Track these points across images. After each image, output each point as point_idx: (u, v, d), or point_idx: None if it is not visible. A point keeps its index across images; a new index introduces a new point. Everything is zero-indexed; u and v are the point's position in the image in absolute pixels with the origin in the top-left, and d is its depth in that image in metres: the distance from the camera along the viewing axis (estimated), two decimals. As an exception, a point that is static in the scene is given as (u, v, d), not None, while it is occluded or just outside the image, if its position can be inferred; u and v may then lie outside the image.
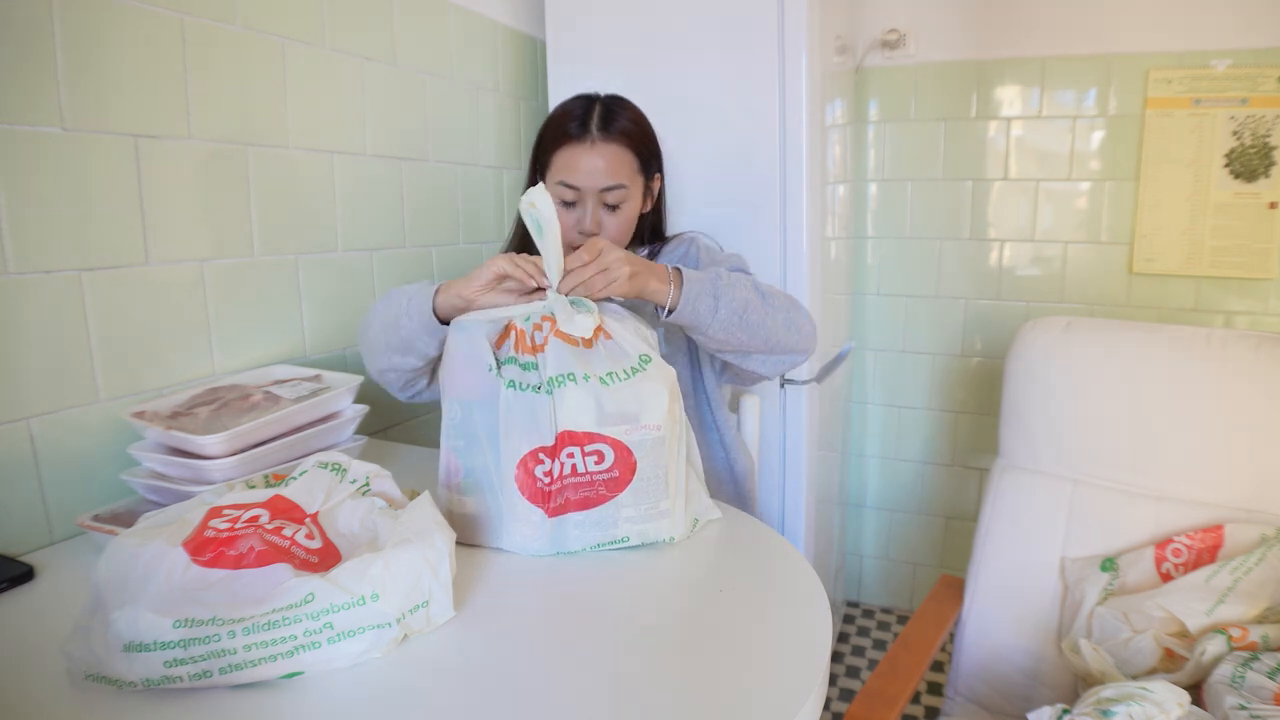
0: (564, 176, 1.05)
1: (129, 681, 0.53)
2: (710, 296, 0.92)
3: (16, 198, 0.81)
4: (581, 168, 1.04)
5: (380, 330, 0.96)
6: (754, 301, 0.95)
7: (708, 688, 0.58)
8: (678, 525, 0.80)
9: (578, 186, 1.04)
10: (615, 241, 1.07)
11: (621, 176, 1.05)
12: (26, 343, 0.83)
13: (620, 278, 0.85)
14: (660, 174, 1.15)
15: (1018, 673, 1.23)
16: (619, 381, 0.77)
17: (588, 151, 1.04)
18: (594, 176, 1.04)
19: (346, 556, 0.63)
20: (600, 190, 1.04)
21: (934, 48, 2.03)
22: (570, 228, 1.06)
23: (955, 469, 2.21)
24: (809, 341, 1.01)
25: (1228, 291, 1.89)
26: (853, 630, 2.24)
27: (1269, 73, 1.78)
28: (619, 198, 1.06)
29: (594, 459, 0.76)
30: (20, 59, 0.81)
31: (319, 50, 1.19)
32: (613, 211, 1.06)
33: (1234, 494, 1.15)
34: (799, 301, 1.02)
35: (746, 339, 0.95)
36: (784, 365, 1.03)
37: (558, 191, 1.06)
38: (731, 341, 0.95)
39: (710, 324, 0.92)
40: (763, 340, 0.96)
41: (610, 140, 1.04)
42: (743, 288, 0.95)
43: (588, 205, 1.05)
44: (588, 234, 1.05)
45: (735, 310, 0.93)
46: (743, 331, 0.94)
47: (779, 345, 0.98)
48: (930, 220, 2.13)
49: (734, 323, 0.93)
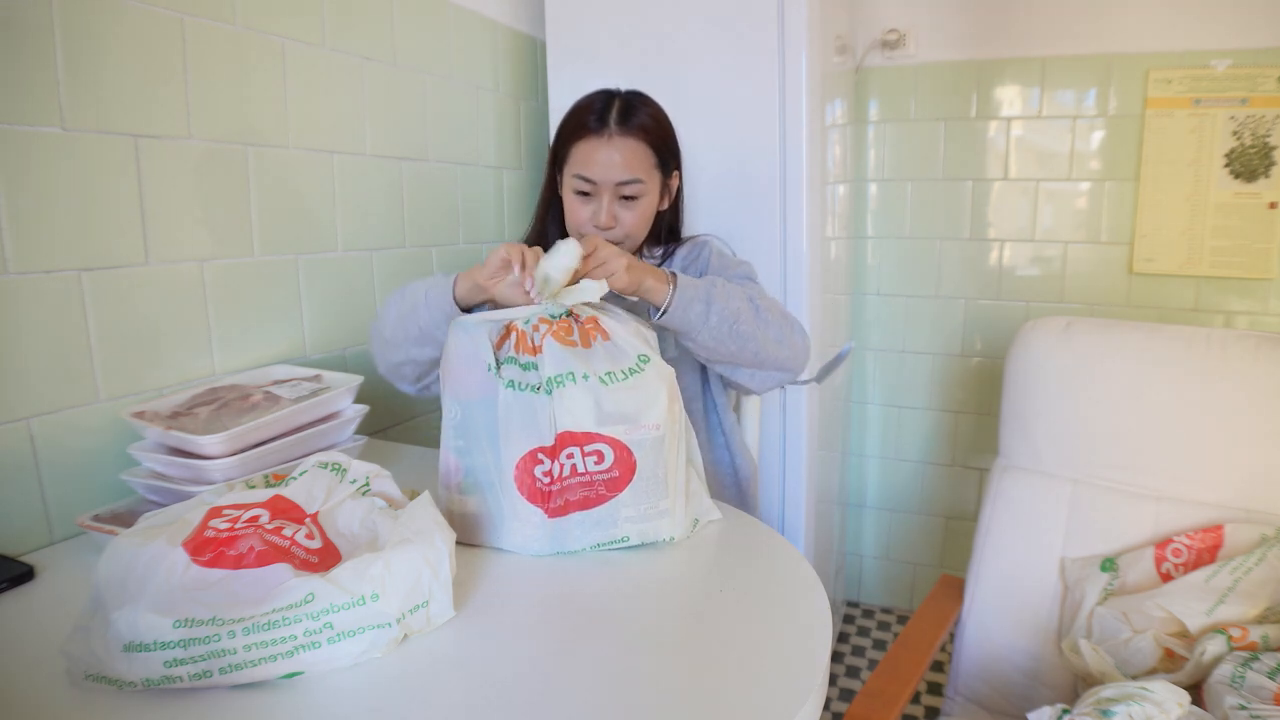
0: (580, 170, 1.05)
1: (129, 681, 0.53)
2: (703, 302, 0.92)
3: (16, 198, 0.81)
4: (598, 161, 1.04)
5: (396, 322, 0.97)
6: (746, 312, 0.95)
7: (708, 688, 0.58)
8: (678, 525, 0.80)
9: (594, 180, 1.05)
10: (631, 237, 1.08)
11: (638, 171, 1.05)
12: (26, 343, 0.83)
13: (618, 270, 0.86)
14: (679, 172, 1.15)
15: (1018, 673, 1.23)
16: (618, 381, 0.77)
17: (605, 145, 1.04)
18: (610, 170, 1.04)
19: (346, 556, 0.63)
20: (616, 184, 1.05)
21: (934, 48, 2.03)
22: (586, 221, 1.07)
23: (955, 469, 2.21)
24: (799, 360, 1.01)
25: (1228, 291, 1.89)
26: (853, 630, 2.24)
27: (1269, 73, 1.78)
28: (636, 192, 1.06)
29: (594, 459, 0.76)
30: (20, 59, 0.81)
31: (319, 50, 1.19)
32: (629, 205, 1.07)
33: (1234, 494, 1.15)
34: (796, 319, 1.02)
35: (736, 349, 0.95)
36: (771, 382, 1.03)
37: (576, 184, 1.06)
38: (721, 350, 0.95)
39: (701, 330, 0.92)
40: (752, 353, 0.96)
41: (628, 135, 1.05)
42: (736, 297, 0.95)
43: (604, 199, 1.05)
44: (603, 228, 1.06)
45: (726, 319, 0.93)
46: (733, 341, 0.94)
47: (768, 359, 0.98)
48: (930, 220, 2.13)
49: (724, 331, 0.93)
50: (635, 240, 1.10)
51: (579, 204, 1.07)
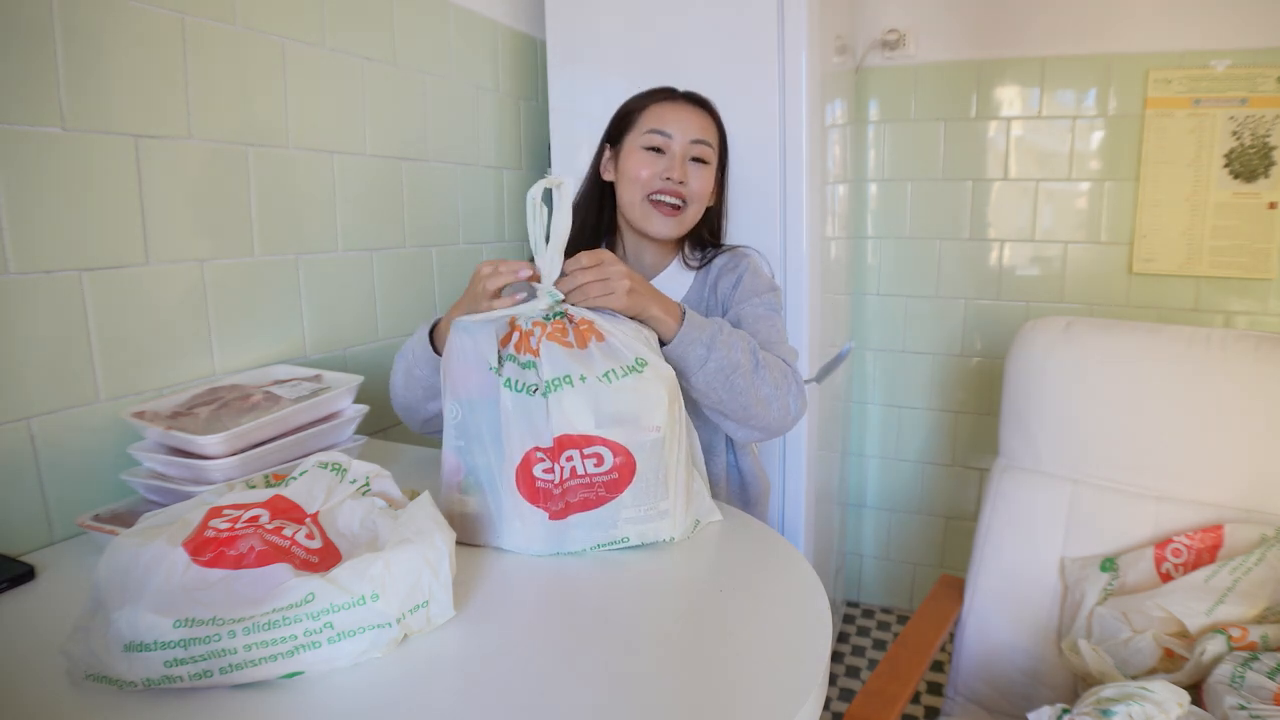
0: (657, 124, 1.07)
1: (129, 681, 0.53)
2: (704, 346, 0.90)
3: (16, 198, 0.81)
4: (678, 118, 1.07)
5: (404, 387, 0.99)
6: (744, 366, 0.92)
7: (708, 688, 0.58)
8: (678, 525, 0.80)
9: (671, 134, 1.07)
10: (697, 199, 1.09)
11: (709, 136, 1.09)
12: (26, 343, 0.83)
13: (618, 290, 0.83)
14: (726, 171, 1.17)
15: (1018, 673, 1.23)
16: (617, 379, 0.76)
17: (683, 107, 1.09)
18: (688, 127, 1.07)
19: (346, 556, 0.63)
20: (691, 141, 1.07)
21: (934, 48, 2.03)
22: (657, 175, 1.07)
23: (955, 469, 2.21)
24: (784, 425, 0.98)
25: (1227, 291, 1.89)
26: (853, 630, 2.24)
27: (1269, 73, 1.78)
28: (706, 155, 1.08)
29: (593, 461, 0.76)
30: (20, 59, 0.81)
31: (319, 50, 1.19)
32: (698, 168, 1.08)
33: (1234, 494, 1.15)
34: (796, 382, 0.99)
35: (725, 399, 0.93)
36: (754, 437, 1.00)
37: (649, 139, 1.07)
38: (710, 396, 0.93)
39: (696, 373, 0.90)
40: (740, 407, 0.94)
41: (700, 107, 1.10)
42: (739, 349, 0.92)
43: (676, 154, 1.07)
44: (675, 181, 1.06)
45: (723, 368, 0.90)
46: (724, 391, 0.92)
47: (753, 418, 0.95)
48: (930, 220, 2.13)
49: (718, 381, 0.91)
50: (697, 210, 1.11)
51: (649, 160, 1.07)
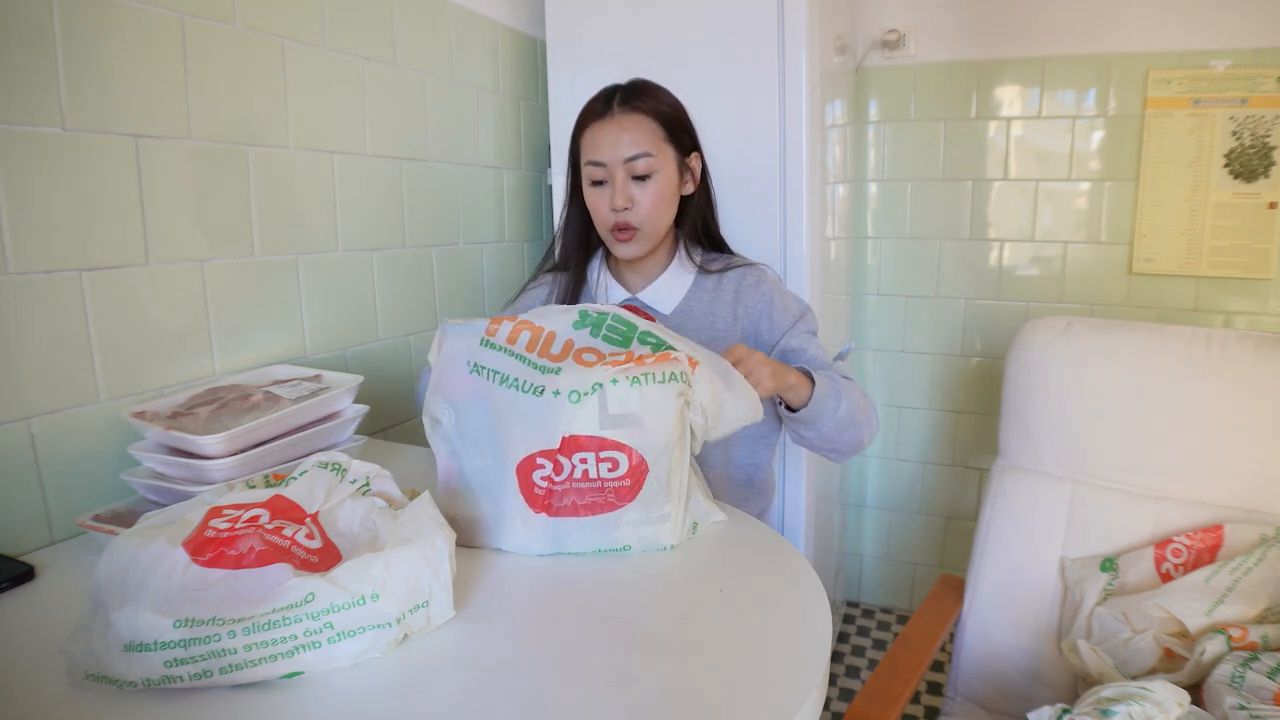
0: (590, 155, 1.05)
1: (129, 681, 0.53)
2: (834, 397, 0.96)
3: (16, 198, 0.81)
4: (604, 141, 1.03)
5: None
6: (861, 404, 0.99)
7: (708, 688, 0.58)
8: (677, 530, 0.80)
9: (603, 161, 1.03)
10: (650, 218, 1.05)
11: (645, 145, 1.03)
12: (26, 343, 0.83)
13: (763, 378, 0.87)
14: (699, 154, 1.12)
15: (1018, 673, 1.23)
16: (625, 385, 0.75)
17: (610, 125, 1.03)
18: (617, 147, 1.03)
19: (346, 556, 0.63)
20: (625, 161, 1.03)
21: (934, 48, 2.03)
22: (605, 210, 1.05)
23: (955, 469, 2.21)
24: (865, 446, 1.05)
25: (1227, 291, 1.89)
26: (853, 630, 2.24)
27: (1268, 73, 1.78)
28: (647, 167, 1.03)
29: (608, 466, 0.75)
30: (20, 59, 0.81)
31: (319, 50, 1.19)
32: (643, 185, 1.04)
33: (1234, 494, 1.15)
34: (871, 402, 1.05)
35: (848, 436, 0.99)
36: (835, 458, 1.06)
37: (589, 172, 1.05)
38: (825, 434, 0.98)
39: (828, 421, 0.96)
40: (848, 439, 1.00)
41: (631, 112, 1.04)
42: (855, 389, 0.99)
43: (616, 180, 1.04)
44: (619, 210, 1.04)
45: (850, 411, 0.97)
46: (848, 430, 0.98)
47: (861, 446, 1.02)
48: (930, 220, 2.13)
49: (845, 422, 0.97)
50: (656, 224, 1.06)
51: (596, 195, 1.05)
